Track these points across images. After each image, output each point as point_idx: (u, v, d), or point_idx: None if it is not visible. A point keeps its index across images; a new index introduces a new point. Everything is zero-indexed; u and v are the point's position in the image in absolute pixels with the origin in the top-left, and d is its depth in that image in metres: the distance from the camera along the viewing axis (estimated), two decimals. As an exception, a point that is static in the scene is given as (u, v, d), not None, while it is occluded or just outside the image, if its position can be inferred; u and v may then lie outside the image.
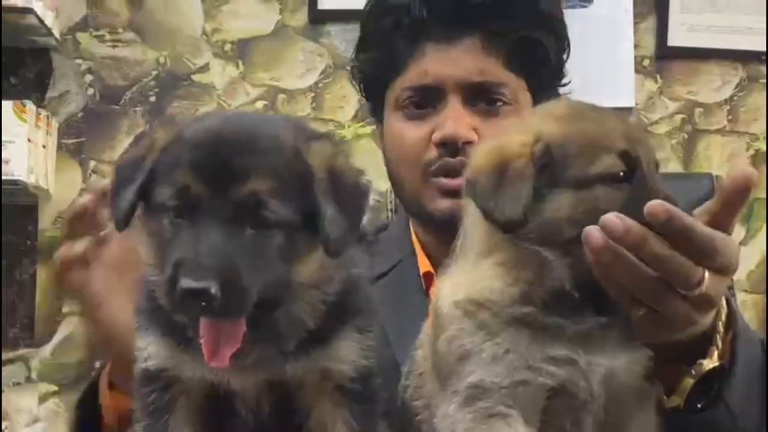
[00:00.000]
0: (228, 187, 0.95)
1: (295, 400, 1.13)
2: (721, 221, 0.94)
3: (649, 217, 0.89)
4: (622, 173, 0.97)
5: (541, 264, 0.98)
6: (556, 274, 0.97)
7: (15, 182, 2.51)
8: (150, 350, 1.10)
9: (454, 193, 1.28)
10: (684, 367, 1.02)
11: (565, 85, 1.50)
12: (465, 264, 1.05)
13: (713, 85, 3.12)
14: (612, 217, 0.89)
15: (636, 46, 3.04)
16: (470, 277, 1.04)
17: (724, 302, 1.05)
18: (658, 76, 3.11)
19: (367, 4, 1.46)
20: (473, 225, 1.05)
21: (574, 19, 2.44)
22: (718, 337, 1.04)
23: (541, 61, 1.41)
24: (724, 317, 1.06)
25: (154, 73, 2.78)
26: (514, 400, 0.98)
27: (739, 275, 2.91)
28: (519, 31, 1.38)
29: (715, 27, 3.10)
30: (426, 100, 1.39)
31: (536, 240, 0.98)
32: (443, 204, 1.38)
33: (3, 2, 2.56)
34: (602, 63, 2.97)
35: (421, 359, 1.10)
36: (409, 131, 1.42)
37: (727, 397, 1.06)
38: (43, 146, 2.66)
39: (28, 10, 2.57)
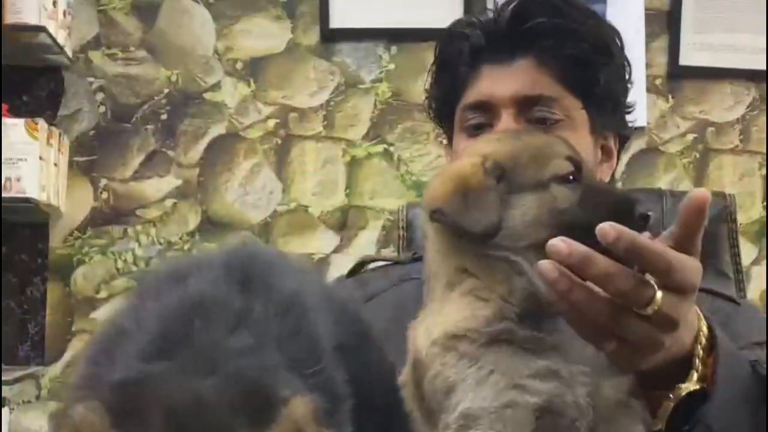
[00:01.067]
0: None
1: None
2: (684, 244, 0.97)
3: (600, 237, 0.91)
4: (571, 175, 1.04)
5: (512, 271, 1.01)
6: (527, 277, 1.00)
7: (27, 200, 2.52)
8: None
9: None
10: (664, 391, 1.05)
11: (630, 111, 1.54)
12: (434, 303, 1.08)
13: (725, 105, 3.10)
14: (555, 241, 0.92)
15: (648, 66, 3.03)
16: (442, 313, 1.06)
17: (704, 326, 1.07)
18: (670, 96, 3.10)
19: (439, 40, 1.56)
20: (434, 261, 1.09)
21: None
22: (697, 360, 1.06)
23: (591, 82, 1.45)
24: (704, 341, 1.07)
25: (166, 91, 2.79)
26: (504, 425, 0.99)
27: (752, 295, 2.90)
28: (570, 51, 1.43)
29: (727, 46, 3.08)
30: (483, 118, 1.44)
31: (506, 248, 1.02)
32: None
33: (16, 20, 2.58)
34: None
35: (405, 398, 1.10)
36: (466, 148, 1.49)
37: (707, 418, 1.08)
38: (55, 164, 2.67)
39: (41, 29, 2.60)
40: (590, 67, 1.46)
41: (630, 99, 1.55)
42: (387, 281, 1.62)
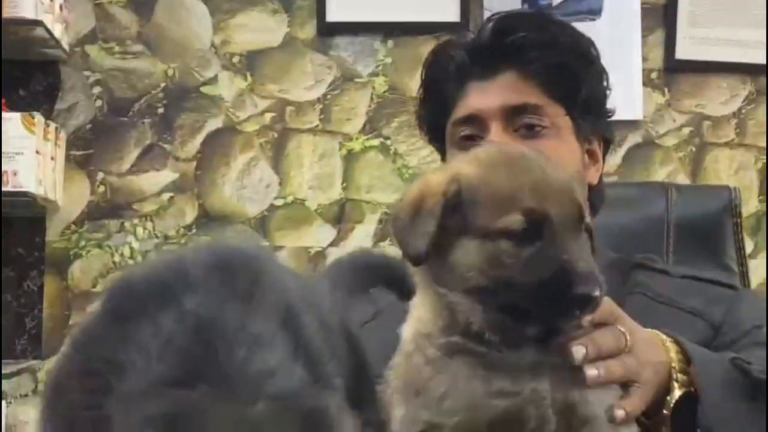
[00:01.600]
0: None
1: None
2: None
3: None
4: (525, 230, 1.00)
5: (450, 307, 1.02)
6: (463, 317, 1.01)
7: (24, 194, 2.55)
8: None
9: None
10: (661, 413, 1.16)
11: (610, 116, 1.61)
12: (415, 298, 1.11)
13: (721, 99, 3.11)
14: (577, 349, 1.03)
15: (644, 59, 3.04)
16: (416, 311, 1.09)
17: (669, 343, 1.18)
18: (666, 89, 3.09)
19: (424, 63, 1.64)
20: None
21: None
22: (674, 372, 1.16)
23: (575, 89, 1.53)
24: (675, 354, 1.17)
25: (163, 85, 2.81)
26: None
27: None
28: (552, 60, 1.51)
29: (724, 40, 3.09)
30: (473, 131, 1.51)
31: (447, 285, 1.03)
32: None
33: (13, 15, 2.59)
34: (610, 76, 2.88)
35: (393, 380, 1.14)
36: None
37: (703, 420, 1.17)
38: (52, 158, 2.69)
39: (38, 23, 2.62)
40: (572, 75, 1.53)
41: (609, 105, 1.60)
42: None
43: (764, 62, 3.05)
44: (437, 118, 1.60)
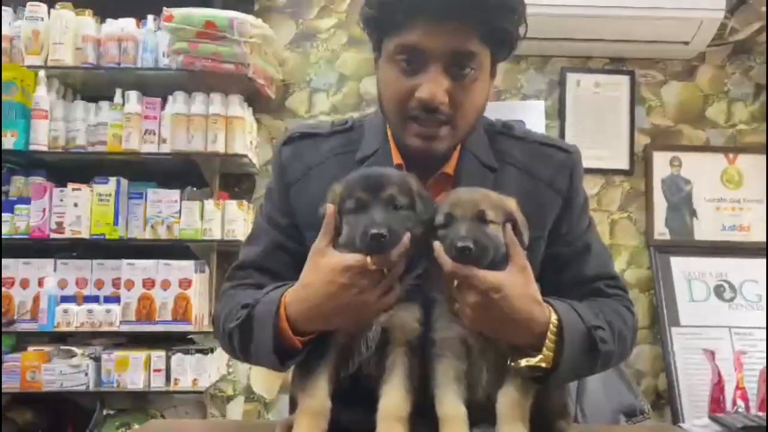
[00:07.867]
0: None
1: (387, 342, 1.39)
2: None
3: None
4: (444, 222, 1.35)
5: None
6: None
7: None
8: None
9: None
10: (519, 359, 1.29)
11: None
12: None
13: (589, 186, 3.88)
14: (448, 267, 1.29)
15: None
16: None
17: (554, 318, 1.28)
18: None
19: None
20: None
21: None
22: (544, 348, 1.28)
23: (505, 39, 1.49)
24: (554, 328, 1.28)
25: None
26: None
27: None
28: (495, 23, 1.44)
29: (589, 157, 3.51)
30: (412, 61, 1.45)
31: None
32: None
33: (235, 152, 3.48)
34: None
35: None
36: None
37: (546, 385, 1.31)
38: (245, 220, 3.62)
39: (245, 156, 3.58)
40: (504, 30, 1.46)
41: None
42: (319, 155, 1.65)
43: (607, 168, 4.01)
44: (378, 31, 1.49)
